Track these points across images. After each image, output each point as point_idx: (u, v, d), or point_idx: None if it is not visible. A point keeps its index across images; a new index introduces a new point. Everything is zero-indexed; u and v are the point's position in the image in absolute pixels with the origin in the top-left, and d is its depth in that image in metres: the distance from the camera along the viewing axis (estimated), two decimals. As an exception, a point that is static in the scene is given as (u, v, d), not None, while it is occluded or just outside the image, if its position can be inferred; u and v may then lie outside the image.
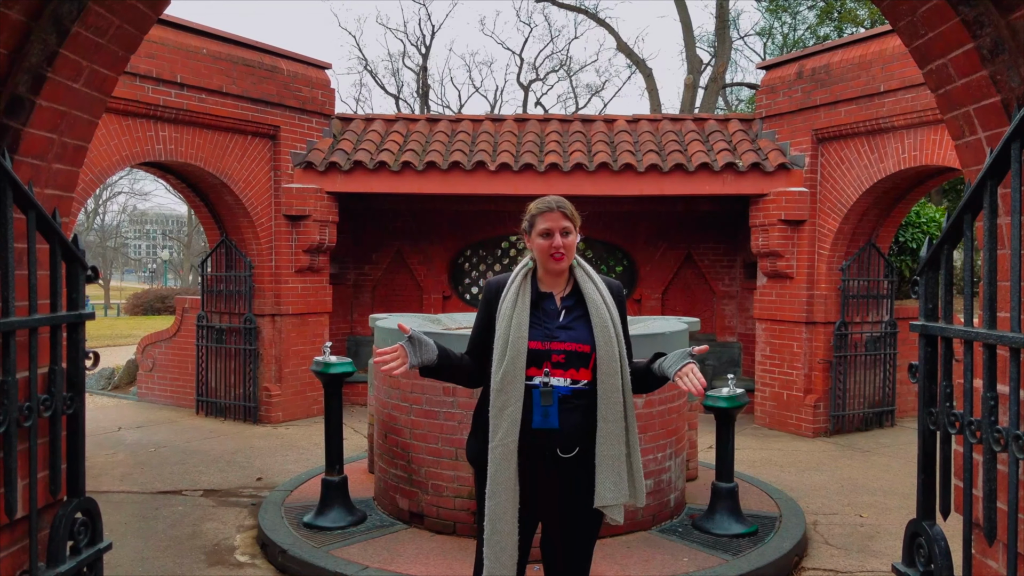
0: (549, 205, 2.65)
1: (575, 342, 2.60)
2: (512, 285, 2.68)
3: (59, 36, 2.23)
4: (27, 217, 2.22)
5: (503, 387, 2.55)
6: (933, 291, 2.45)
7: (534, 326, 2.62)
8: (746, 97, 26.43)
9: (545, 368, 2.58)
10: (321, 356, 4.95)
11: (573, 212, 2.68)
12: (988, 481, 2.10)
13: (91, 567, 2.54)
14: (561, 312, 2.67)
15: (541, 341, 2.60)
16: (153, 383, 9.53)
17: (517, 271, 2.73)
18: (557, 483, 2.64)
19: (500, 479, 2.54)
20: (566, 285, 2.73)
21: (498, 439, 2.55)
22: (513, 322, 2.59)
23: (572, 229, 2.64)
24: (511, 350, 2.56)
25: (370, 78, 54.57)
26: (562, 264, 2.64)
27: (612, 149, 8.66)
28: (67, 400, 2.43)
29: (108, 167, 6.98)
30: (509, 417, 2.53)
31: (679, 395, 5.09)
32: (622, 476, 2.58)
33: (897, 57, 7.09)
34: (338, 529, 4.72)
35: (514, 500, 2.54)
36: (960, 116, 2.35)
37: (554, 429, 2.57)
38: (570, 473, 2.63)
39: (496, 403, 2.56)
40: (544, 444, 2.59)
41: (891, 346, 8.32)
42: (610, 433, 2.57)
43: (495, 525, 2.55)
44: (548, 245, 2.62)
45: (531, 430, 2.57)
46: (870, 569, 4.50)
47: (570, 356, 2.59)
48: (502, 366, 2.56)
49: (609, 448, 2.57)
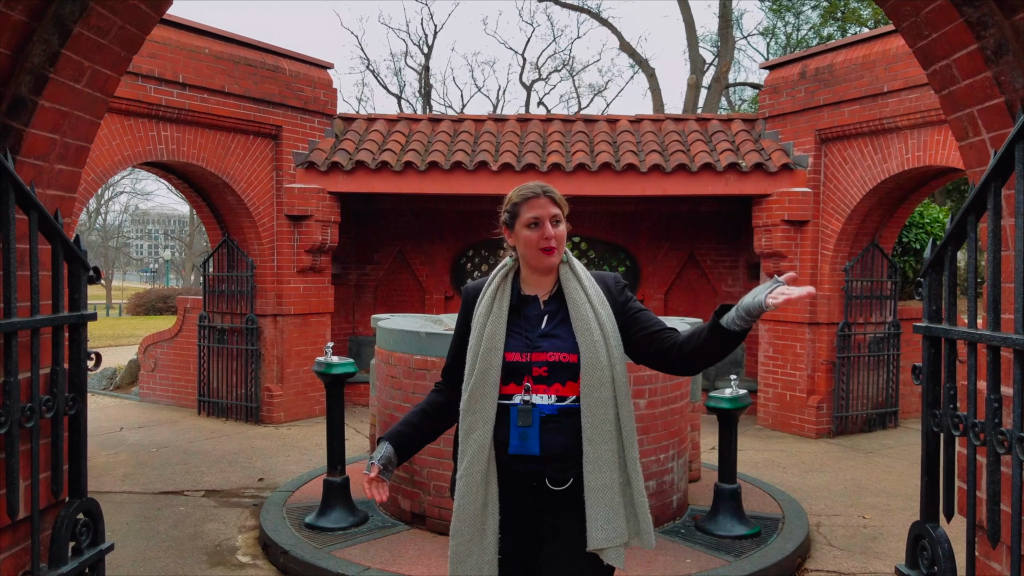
0: (534, 191, 2.24)
1: (559, 351, 2.18)
2: (488, 289, 2.29)
3: (61, 36, 2.23)
4: (29, 218, 2.22)
5: (470, 407, 2.17)
6: (937, 292, 2.45)
7: (513, 335, 2.22)
8: (749, 97, 26.43)
9: (526, 383, 2.17)
10: (323, 356, 4.95)
11: (561, 199, 2.28)
12: (992, 483, 2.09)
13: (93, 568, 2.54)
14: (544, 317, 2.26)
15: (520, 352, 2.19)
16: (155, 383, 9.54)
17: (495, 273, 2.33)
18: (546, 521, 2.19)
19: (462, 516, 2.15)
20: (552, 285, 2.30)
21: (463, 467, 2.16)
22: (486, 331, 2.20)
23: (562, 217, 2.25)
24: (481, 363, 2.17)
25: (372, 78, 54.65)
26: (553, 259, 2.23)
27: (615, 149, 8.65)
28: (69, 401, 2.43)
29: (110, 167, 6.98)
30: (476, 442, 2.15)
31: (681, 396, 5.08)
32: (616, 511, 2.12)
33: (901, 57, 7.08)
34: (340, 530, 4.72)
35: (484, 542, 2.14)
36: (964, 117, 2.34)
37: (533, 456, 2.14)
38: (564, 512, 2.16)
39: (463, 426, 2.19)
40: (527, 474, 2.16)
41: (894, 347, 8.30)
42: (599, 458, 2.11)
43: (455, 569, 2.17)
44: (538, 236, 2.20)
45: (508, 457, 2.16)
46: (873, 571, 4.49)
47: (553, 368, 2.18)
48: (471, 383, 2.19)
49: (598, 477, 2.11)
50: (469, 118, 9.59)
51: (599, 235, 9.93)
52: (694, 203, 9.56)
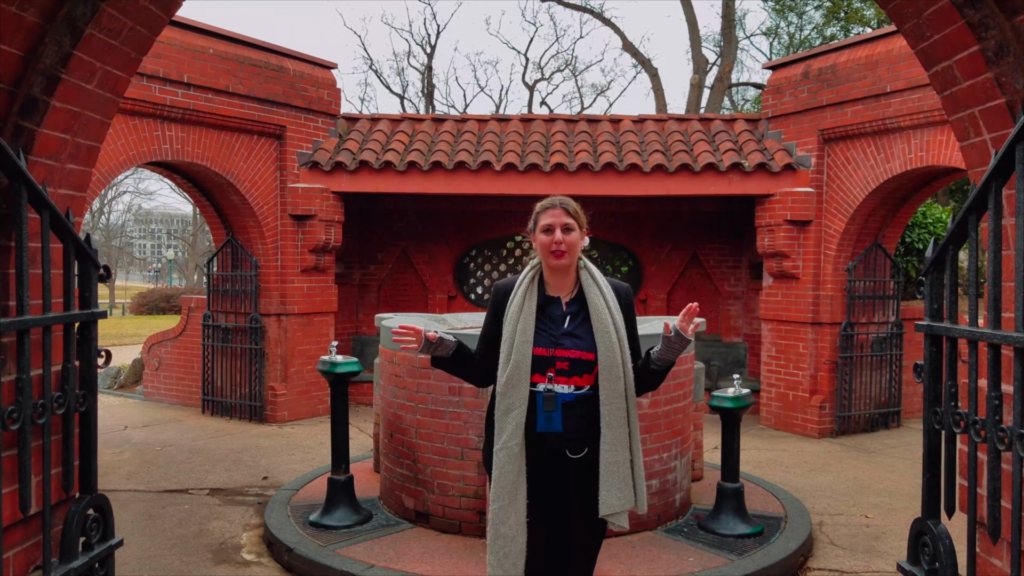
0: (552, 203, 2.69)
1: (580, 350, 2.61)
2: (520, 288, 2.69)
3: (73, 38, 2.25)
4: (41, 217, 2.25)
5: (507, 391, 2.58)
6: (938, 291, 2.47)
7: (539, 331, 2.63)
8: (752, 97, 26.41)
9: (549, 374, 2.60)
10: (327, 355, 4.97)
11: (577, 210, 2.68)
12: (992, 480, 2.12)
13: (103, 563, 2.57)
14: (566, 318, 2.68)
15: (546, 348, 2.62)
16: (159, 382, 9.57)
17: (525, 273, 2.74)
18: (567, 486, 2.64)
19: (504, 482, 2.55)
20: (572, 289, 2.72)
21: (502, 442, 2.57)
22: (519, 326, 2.61)
23: (575, 227, 2.64)
24: (516, 355, 2.58)
25: (375, 78, 54.66)
26: (563, 261, 2.63)
27: (618, 149, 8.67)
28: (80, 398, 2.45)
29: (115, 167, 7.01)
30: (513, 420, 2.56)
31: (684, 395, 5.10)
32: (627, 482, 2.59)
33: (903, 57, 7.09)
34: (344, 528, 4.74)
35: (518, 503, 2.54)
36: (965, 118, 2.36)
37: (557, 433, 2.59)
38: (579, 476, 2.63)
39: (501, 406, 2.60)
40: (551, 447, 2.61)
41: (897, 347, 8.31)
42: (615, 439, 2.57)
43: (498, 529, 2.55)
44: (549, 241, 2.62)
45: (536, 434, 2.60)
46: (876, 569, 4.50)
47: (574, 364, 2.61)
48: (507, 370, 2.59)
49: (613, 454, 2.57)
50: (472, 118, 9.61)
51: (602, 235, 9.94)
52: (697, 203, 9.57)
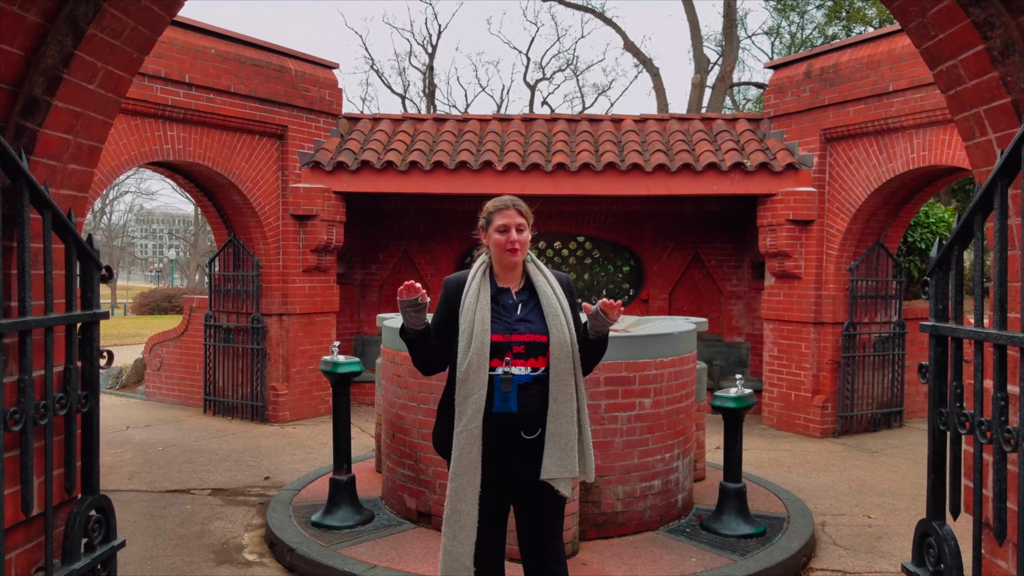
0: (505, 203, 2.87)
1: (533, 333, 2.80)
2: (473, 282, 2.86)
3: (75, 38, 2.25)
4: (43, 217, 2.24)
5: (468, 377, 2.72)
6: (943, 292, 2.46)
7: (495, 320, 2.81)
8: (754, 96, 26.40)
9: (507, 358, 2.77)
10: (329, 355, 4.97)
11: (527, 210, 2.89)
12: (998, 481, 2.11)
13: (105, 564, 2.56)
14: (518, 306, 2.87)
15: (502, 334, 2.79)
16: (161, 382, 9.57)
17: (475, 268, 2.91)
18: (521, 464, 2.80)
19: (463, 462, 2.71)
20: (520, 280, 2.93)
21: (463, 424, 2.72)
22: (476, 316, 2.77)
23: (526, 226, 2.86)
24: (475, 342, 2.73)
25: (376, 78, 54.64)
26: (516, 257, 2.84)
27: (619, 149, 8.66)
28: (82, 398, 2.45)
29: (117, 167, 7.01)
30: (473, 404, 2.71)
31: (687, 395, 5.10)
32: (569, 453, 2.75)
33: (906, 56, 7.08)
34: (346, 528, 4.74)
35: (474, 482, 2.71)
36: (970, 117, 2.35)
37: (513, 413, 2.75)
38: (533, 454, 2.80)
39: (461, 391, 2.74)
40: (507, 427, 2.77)
41: (899, 347, 8.30)
42: (560, 413, 2.76)
43: (455, 505, 2.72)
44: (505, 240, 2.81)
45: (492, 415, 2.75)
46: (878, 570, 4.49)
47: (529, 347, 2.79)
48: (467, 357, 2.73)
49: (559, 426, 2.75)
50: (474, 118, 9.60)
51: (603, 235, 9.93)
52: (699, 203, 9.56)
